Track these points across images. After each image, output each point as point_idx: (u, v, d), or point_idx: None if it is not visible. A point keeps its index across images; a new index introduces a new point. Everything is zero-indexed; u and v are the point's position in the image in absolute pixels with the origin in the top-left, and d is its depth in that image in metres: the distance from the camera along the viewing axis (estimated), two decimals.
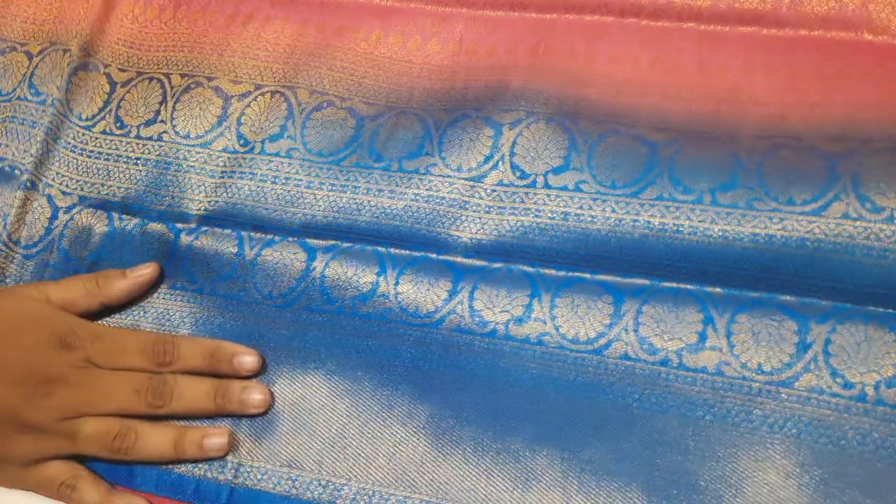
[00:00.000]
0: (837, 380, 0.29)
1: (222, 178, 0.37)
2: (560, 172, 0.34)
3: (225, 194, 0.37)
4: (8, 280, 0.38)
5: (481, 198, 0.35)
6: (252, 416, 0.33)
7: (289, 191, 0.37)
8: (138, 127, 0.39)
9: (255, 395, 0.32)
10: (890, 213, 0.30)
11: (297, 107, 0.38)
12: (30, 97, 0.41)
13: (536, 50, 0.37)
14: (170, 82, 0.40)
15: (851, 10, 0.35)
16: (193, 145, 0.38)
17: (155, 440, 0.32)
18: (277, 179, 0.37)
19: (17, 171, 0.39)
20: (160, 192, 0.38)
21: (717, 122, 0.34)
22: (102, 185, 0.39)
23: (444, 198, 0.35)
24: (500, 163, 0.35)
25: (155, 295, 0.36)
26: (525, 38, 0.38)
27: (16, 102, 0.41)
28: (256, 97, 0.39)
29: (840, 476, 0.28)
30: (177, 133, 0.39)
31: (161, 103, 0.39)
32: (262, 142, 0.38)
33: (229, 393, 0.32)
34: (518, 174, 0.35)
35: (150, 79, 0.40)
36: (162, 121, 0.39)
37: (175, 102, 0.39)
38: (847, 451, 0.28)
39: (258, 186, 0.37)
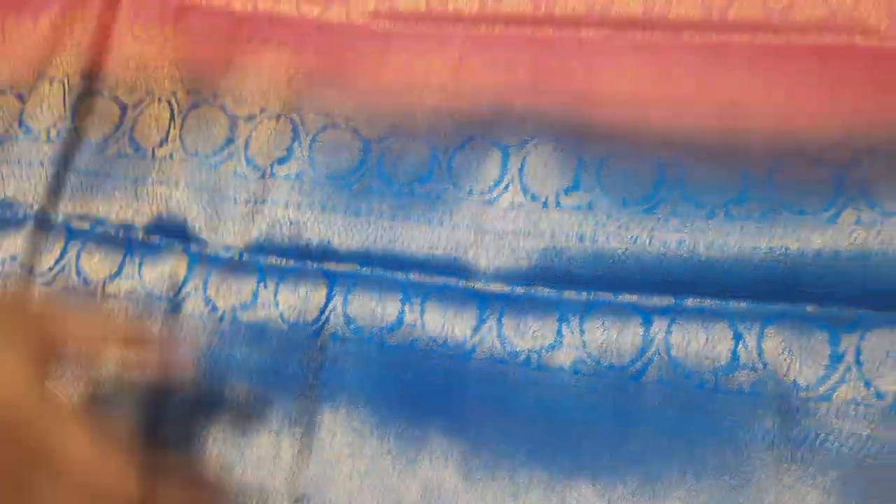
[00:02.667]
0: (871, 389, 0.29)
1: (236, 203, 0.37)
2: (571, 192, 0.34)
3: (241, 221, 0.36)
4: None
5: (496, 221, 0.35)
6: None
7: (302, 214, 0.36)
8: (153, 148, 0.38)
9: None
10: None
11: (303, 129, 0.38)
12: (22, 136, 0.40)
13: (536, 68, 0.37)
14: (176, 100, 0.39)
15: (841, 15, 0.36)
16: (203, 166, 0.38)
17: None
18: (289, 204, 0.36)
19: (20, 213, 0.38)
20: (175, 218, 0.37)
21: (721, 136, 0.34)
22: (121, 207, 0.38)
23: (458, 223, 0.35)
24: (511, 184, 0.35)
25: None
26: (523, 56, 0.38)
27: (8, 144, 0.40)
28: (262, 120, 0.38)
29: (881, 487, 0.28)
30: (186, 152, 0.38)
31: (170, 122, 0.38)
32: (272, 165, 0.37)
33: None
34: (530, 196, 0.35)
35: (160, 99, 0.39)
36: (172, 140, 0.38)
37: (183, 120, 0.38)
38: (886, 463, 0.28)
39: (270, 212, 0.36)
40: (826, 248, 0.31)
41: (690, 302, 0.32)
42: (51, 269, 0.38)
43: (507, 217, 0.35)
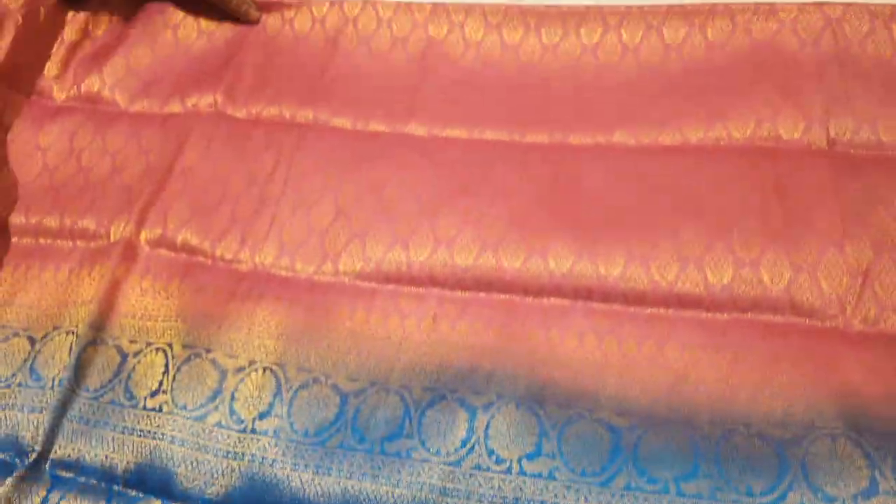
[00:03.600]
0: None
1: (216, 455, 0.38)
2: (534, 459, 0.36)
3: (221, 478, 0.37)
4: None
5: (460, 482, 0.36)
6: None
7: (275, 473, 0.37)
8: (145, 398, 0.40)
9: None
10: (842, 502, 0.32)
11: (286, 384, 0.40)
12: (30, 382, 0.42)
13: (502, 331, 0.41)
14: (172, 352, 0.42)
15: (775, 293, 0.41)
16: (188, 418, 0.39)
17: None
18: (266, 461, 0.38)
19: (17, 461, 0.40)
20: (156, 469, 0.38)
21: (673, 406, 0.37)
22: (106, 456, 0.39)
23: (424, 483, 0.36)
24: (477, 446, 0.37)
25: None
26: (492, 318, 0.42)
27: (15, 389, 0.42)
28: (250, 373, 0.41)
29: None
30: (175, 404, 0.40)
31: (164, 373, 0.41)
32: (254, 419, 0.39)
33: None
34: (494, 458, 0.36)
35: (157, 349, 0.42)
36: (164, 391, 0.40)
37: (176, 373, 0.41)
38: None
39: (247, 468, 0.38)
40: None
41: None
42: None
43: (472, 478, 0.36)
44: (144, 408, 0.40)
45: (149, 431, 0.39)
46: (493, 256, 0.44)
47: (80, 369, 0.42)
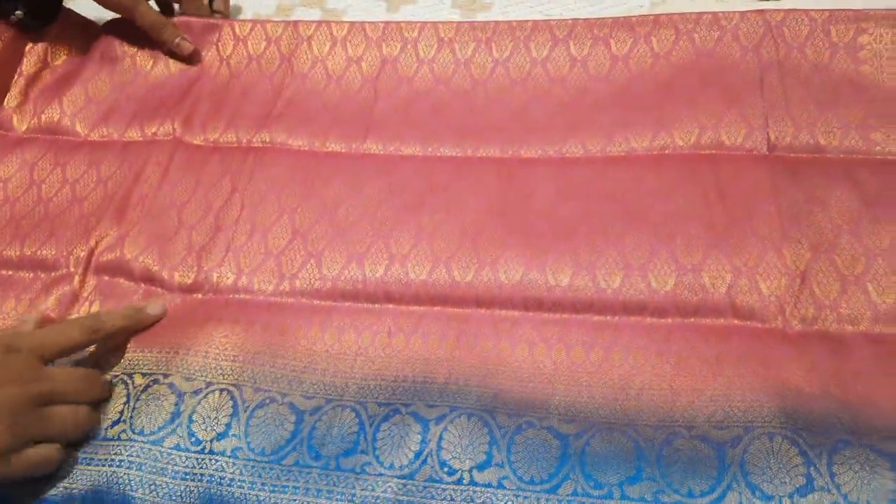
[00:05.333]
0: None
1: (174, 478, 0.39)
2: (484, 469, 0.37)
3: (179, 500, 0.38)
4: None
5: (414, 495, 0.37)
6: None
7: (232, 493, 0.38)
8: (106, 429, 0.41)
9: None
10: (778, 500, 0.34)
11: (242, 405, 0.41)
12: None
13: (457, 343, 0.42)
14: (133, 382, 0.42)
15: (716, 297, 0.42)
16: (146, 443, 0.40)
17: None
18: (223, 481, 0.38)
19: None
20: (113, 494, 0.39)
21: (618, 411, 0.38)
22: (65, 487, 0.39)
23: (378, 497, 0.37)
24: (429, 458, 0.38)
25: None
26: (446, 331, 0.43)
27: None
28: (207, 395, 0.41)
29: None
30: (133, 431, 0.40)
31: (125, 403, 0.41)
32: (211, 440, 0.40)
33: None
34: (446, 470, 0.37)
35: (117, 380, 0.43)
36: (123, 420, 0.41)
37: (136, 402, 0.41)
38: None
39: (205, 488, 0.38)
40: None
41: None
42: None
43: (424, 491, 0.37)
44: (105, 438, 0.41)
45: (106, 460, 0.40)
46: (446, 271, 0.45)
47: None
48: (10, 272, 0.49)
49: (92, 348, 0.44)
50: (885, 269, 0.41)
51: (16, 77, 0.58)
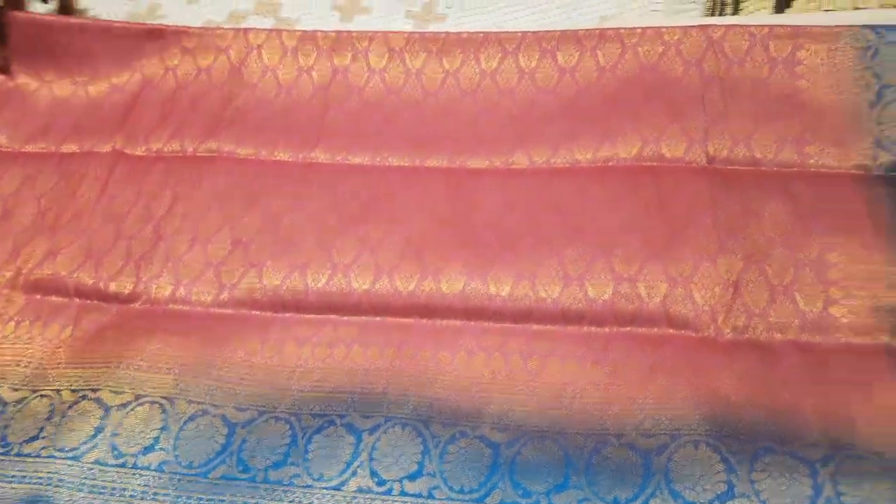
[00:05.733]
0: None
1: (94, 492, 0.38)
2: (415, 479, 0.37)
3: None
4: None
5: None
6: None
7: None
8: (21, 444, 0.40)
9: None
10: None
11: (173, 417, 0.40)
12: None
13: (397, 353, 0.42)
14: (60, 398, 0.42)
15: (652, 307, 0.42)
16: (68, 458, 0.39)
17: None
18: (146, 495, 0.38)
19: None
20: None
21: (551, 420, 0.38)
22: None
23: None
24: (360, 469, 0.38)
25: None
26: (387, 341, 0.43)
27: None
28: (135, 408, 0.41)
29: None
30: (55, 447, 0.40)
31: (47, 419, 0.41)
32: (136, 455, 0.39)
33: None
34: (376, 481, 0.37)
35: (42, 396, 0.42)
36: (43, 437, 0.40)
37: (61, 417, 0.41)
38: None
39: (128, 503, 0.38)
40: None
41: None
42: None
43: (354, 501, 0.37)
44: (19, 454, 0.40)
45: (27, 477, 0.39)
46: (389, 281, 0.45)
47: None
48: None
49: (25, 367, 0.43)
50: (812, 279, 0.42)
51: None
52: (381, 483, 0.37)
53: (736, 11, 0.61)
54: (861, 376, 0.38)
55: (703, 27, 0.53)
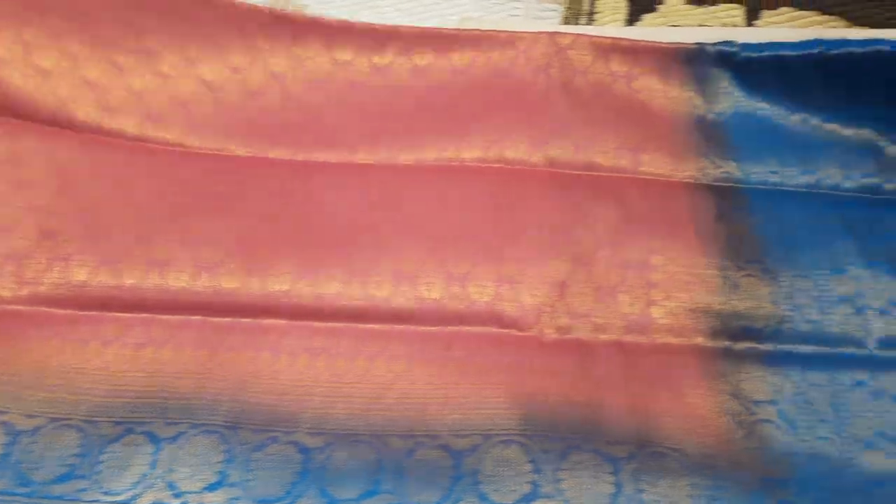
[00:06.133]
0: None
1: None
2: (215, 489, 0.34)
3: None
4: None
5: None
6: None
7: None
8: None
9: None
10: None
11: None
12: None
13: (212, 355, 0.39)
14: None
15: (480, 307, 0.42)
16: None
17: None
18: None
19: None
20: None
21: (370, 422, 0.37)
22: None
23: None
24: (158, 481, 0.35)
25: None
26: (202, 342, 0.40)
27: None
28: None
29: None
30: None
31: None
32: None
33: None
34: (174, 493, 0.34)
35: None
36: None
37: None
38: None
39: None
40: None
41: None
42: None
43: None
44: None
45: None
46: (210, 278, 0.42)
47: None
48: None
49: None
50: (636, 281, 0.43)
51: None
52: (178, 495, 0.34)
53: (590, 22, 0.63)
54: (672, 376, 0.40)
55: (552, 35, 0.54)
